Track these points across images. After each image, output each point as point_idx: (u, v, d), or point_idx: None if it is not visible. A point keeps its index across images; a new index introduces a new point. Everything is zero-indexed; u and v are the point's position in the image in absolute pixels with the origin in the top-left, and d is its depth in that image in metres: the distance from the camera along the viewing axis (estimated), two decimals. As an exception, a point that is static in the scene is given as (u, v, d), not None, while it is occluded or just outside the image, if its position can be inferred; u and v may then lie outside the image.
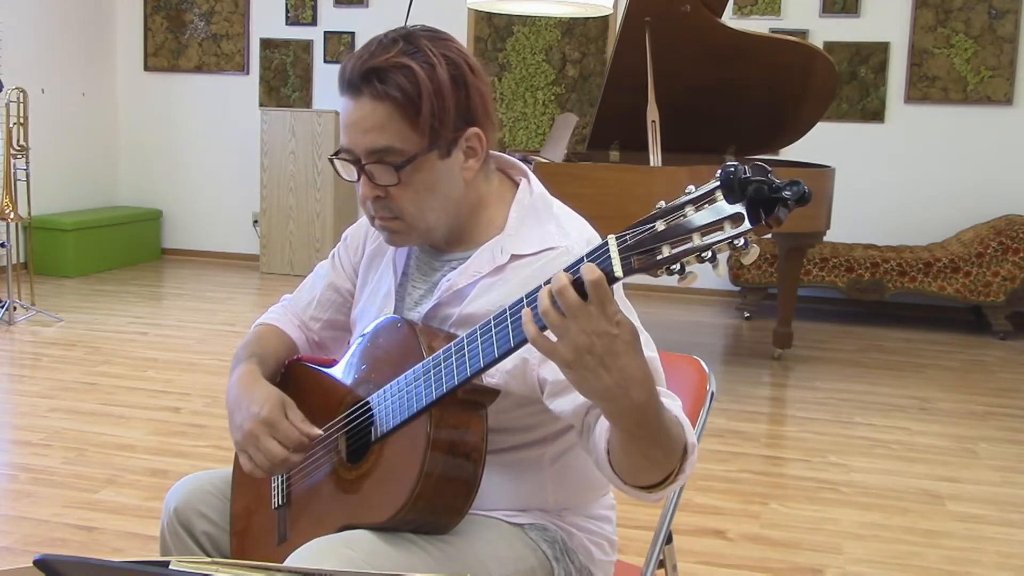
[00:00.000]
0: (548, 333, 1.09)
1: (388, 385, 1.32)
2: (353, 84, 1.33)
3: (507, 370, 1.32)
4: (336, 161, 1.38)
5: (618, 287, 1.34)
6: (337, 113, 6.83)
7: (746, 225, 0.95)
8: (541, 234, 1.39)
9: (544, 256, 1.36)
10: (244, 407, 1.40)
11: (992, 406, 4.46)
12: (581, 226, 1.43)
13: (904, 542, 2.99)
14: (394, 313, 1.47)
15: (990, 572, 2.81)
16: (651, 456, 1.17)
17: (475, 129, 1.37)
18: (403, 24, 1.47)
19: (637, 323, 1.32)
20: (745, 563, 2.80)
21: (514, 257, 1.38)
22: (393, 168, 1.32)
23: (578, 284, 1.06)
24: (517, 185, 1.47)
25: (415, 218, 1.37)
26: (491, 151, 1.43)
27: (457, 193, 1.39)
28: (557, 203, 1.46)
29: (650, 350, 1.33)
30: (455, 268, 1.42)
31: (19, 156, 5.50)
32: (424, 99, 1.30)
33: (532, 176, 1.47)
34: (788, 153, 5.66)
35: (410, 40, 1.33)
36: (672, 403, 1.25)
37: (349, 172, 1.37)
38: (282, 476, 1.49)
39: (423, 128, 1.32)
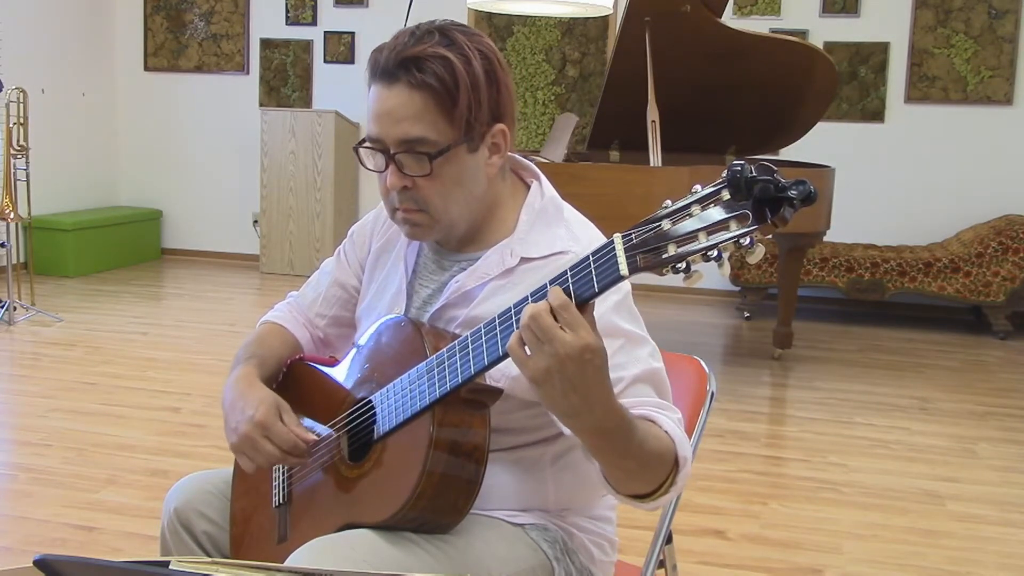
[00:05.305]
0: None
1: (390, 384, 1.32)
2: (388, 72, 1.31)
3: (513, 376, 1.32)
4: (362, 150, 1.37)
5: (627, 295, 1.34)
6: (337, 113, 6.89)
7: (752, 224, 0.95)
8: (551, 238, 1.39)
9: (553, 260, 1.36)
10: (239, 410, 1.40)
11: (992, 406, 4.46)
12: (591, 231, 1.43)
13: (904, 542, 2.99)
14: (403, 312, 1.46)
15: (990, 572, 2.81)
16: (624, 467, 1.20)
17: (501, 126, 1.37)
18: (403, 24, 1.47)
19: (644, 333, 1.33)
20: (745, 563, 2.80)
21: (524, 260, 1.38)
22: (426, 158, 1.32)
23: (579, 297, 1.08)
24: (528, 187, 1.47)
25: (440, 211, 1.36)
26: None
27: (480, 189, 1.39)
28: (568, 207, 1.46)
29: (656, 361, 1.34)
30: (464, 269, 1.42)
31: (19, 156, 5.50)
32: (461, 91, 1.30)
33: (544, 179, 1.47)
34: (788, 153, 5.66)
35: (445, 33, 1.32)
36: (666, 415, 1.27)
37: (376, 162, 1.36)
38: (283, 475, 1.49)
39: (458, 120, 1.31)
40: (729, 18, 5.97)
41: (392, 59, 1.31)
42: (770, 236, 0.93)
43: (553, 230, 1.41)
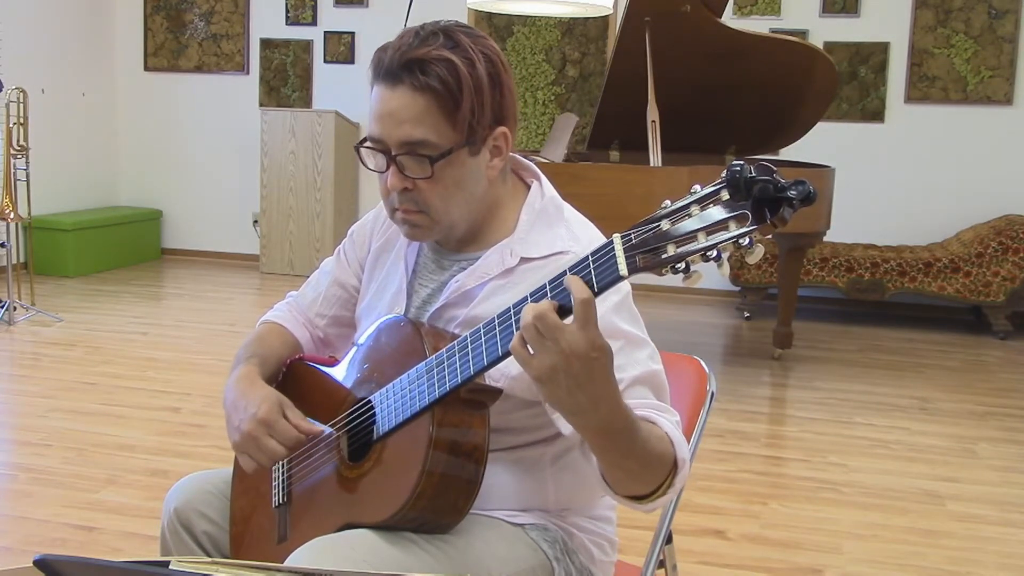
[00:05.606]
0: None
1: (390, 384, 1.32)
2: (392, 73, 1.31)
3: (512, 376, 1.32)
4: (363, 150, 1.37)
5: (627, 296, 1.34)
6: (337, 113, 6.89)
7: (751, 224, 0.95)
8: (551, 238, 1.40)
9: (554, 260, 1.37)
10: (241, 408, 1.40)
11: (992, 406, 4.46)
12: (592, 231, 1.44)
13: (904, 542, 2.99)
14: (403, 311, 1.46)
15: (990, 572, 2.81)
16: (626, 467, 1.20)
17: (503, 128, 1.37)
18: (403, 24, 1.46)
19: (644, 334, 1.33)
20: (745, 563, 2.80)
21: (523, 260, 1.38)
22: (428, 161, 1.32)
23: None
24: (529, 187, 1.47)
25: (440, 213, 1.37)
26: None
27: (480, 191, 1.39)
28: (568, 207, 1.46)
29: (655, 363, 1.34)
30: (464, 269, 1.42)
31: (19, 156, 5.50)
32: (464, 95, 1.30)
33: (544, 179, 1.47)
34: (788, 153, 5.66)
35: (449, 35, 1.32)
36: (664, 417, 1.27)
37: (377, 162, 1.36)
38: (283, 475, 1.49)
39: (460, 124, 1.31)
40: (729, 18, 5.97)
41: (396, 60, 1.31)
42: (770, 236, 0.93)
43: (553, 230, 1.41)
